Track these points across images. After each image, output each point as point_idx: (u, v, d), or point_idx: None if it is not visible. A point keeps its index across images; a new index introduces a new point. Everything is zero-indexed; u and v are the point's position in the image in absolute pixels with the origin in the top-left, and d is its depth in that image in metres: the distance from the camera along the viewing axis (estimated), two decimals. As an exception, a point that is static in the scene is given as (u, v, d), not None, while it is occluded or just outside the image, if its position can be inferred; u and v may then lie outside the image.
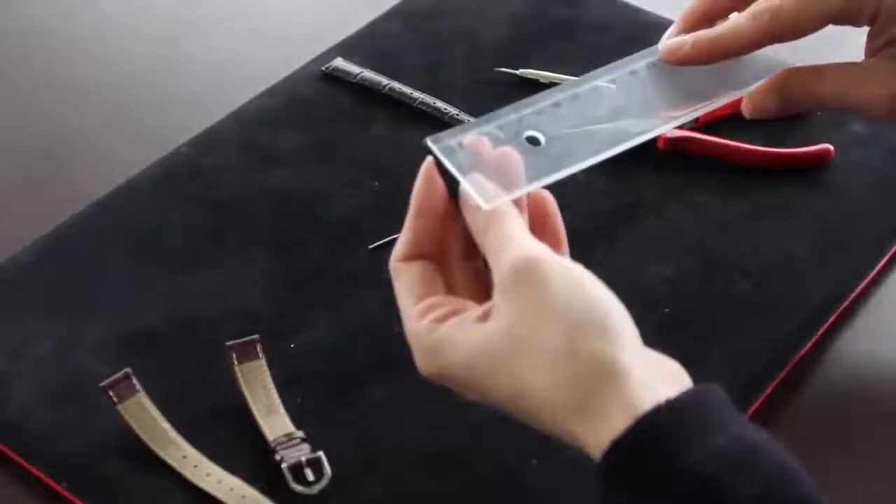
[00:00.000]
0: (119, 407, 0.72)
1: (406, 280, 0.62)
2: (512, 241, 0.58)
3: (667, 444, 0.54)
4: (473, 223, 0.60)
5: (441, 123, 0.93)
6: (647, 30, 1.01)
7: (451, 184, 0.61)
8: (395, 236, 0.83)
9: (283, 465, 0.70)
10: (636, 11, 1.03)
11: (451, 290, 0.62)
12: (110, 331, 0.78)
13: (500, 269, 0.58)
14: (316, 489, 0.70)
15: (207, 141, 0.92)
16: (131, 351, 0.77)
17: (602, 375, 0.55)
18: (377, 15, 1.03)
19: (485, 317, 0.58)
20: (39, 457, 0.72)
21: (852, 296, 0.81)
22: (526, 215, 0.62)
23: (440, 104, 0.93)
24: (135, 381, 0.73)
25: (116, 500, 0.70)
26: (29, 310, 0.80)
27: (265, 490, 0.69)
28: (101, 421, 0.72)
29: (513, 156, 0.61)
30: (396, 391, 0.75)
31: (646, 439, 0.54)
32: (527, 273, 0.57)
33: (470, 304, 0.60)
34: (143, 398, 0.72)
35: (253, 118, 0.94)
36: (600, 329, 0.56)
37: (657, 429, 0.54)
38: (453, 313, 0.59)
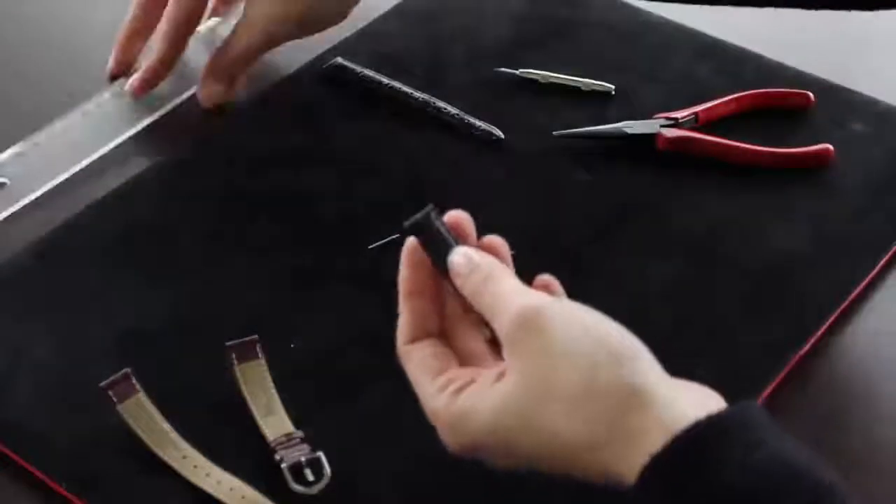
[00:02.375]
0: (119, 407, 0.72)
1: (417, 360, 0.62)
2: (507, 297, 0.59)
3: (707, 460, 0.53)
4: (467, 291, 0.61)
5: (441, 123, 0.93)
6: (647, 30, 1.01)
7: (438, 258, 0.63)
8: (394, 236, 0.84)
9: (283, 465, 0.70)
10: (636, 11, 1.03)
11: (463, 360, 0.62)
12: (110, 331, 0.78)
13: (502, 327, 0.59)
14: (316, 489, 0.70)
15: (207, 141, 0.92)
16: (131, 351, 0.77)
17: (628, 403, 0.55)
18: (377, 15, 1.03)
19: (499, 378, 0.58)
20: (39, 457, 0.72)
21: (852, 296, 0.81)
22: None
23: (440, 104, 0.93)
24: (135, 381, 0.73)
25: (116, 500, 0.70)
26: (29, 310, 0.80)
27: (265, 490, 0.69)
28: (101, 421, 0.72)
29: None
30: (396, 391, 0.75)
31: (686, 455, 0.53)
32: (528, 324, 0.57)
33: (485, 371, 0.60)
34: (143, 398, 0.72)
35: (253, 118, 0.94)
36: (615, 359, 0.56)
37: (697, 444, 0.54)
38: (471, 383, 0.60)
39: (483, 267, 0.61)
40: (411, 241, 0.63)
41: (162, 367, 0.76)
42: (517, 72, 0.96)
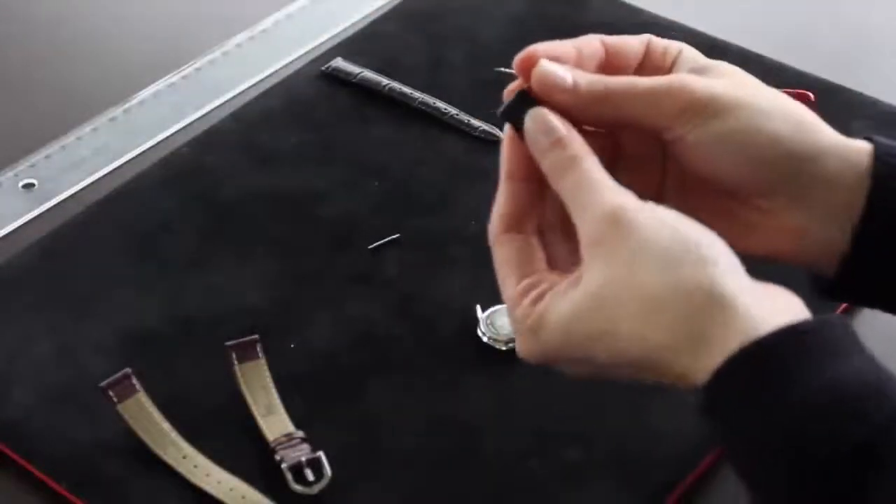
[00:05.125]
0: (119, 407, 0.72)
1: (505, 256, 0.59)
2: (591, 190, 0.56)
3: (780, 369, 0.52)
4: (546, 167, 0.58)
5: (441, 123, 0.93)
6: (647, 30, 1.01)
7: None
8: (394, 236, 0.84)
9: (283, 465, 0.70)
10: (636, 11, 1.03)
11: (551, 263, 0.60)
12: (110, 331, 0.78)
13: (584, 224, 0.56)
14: (316, 489, 0.70)
15: (207, 141, 0.92)
16: (131, 351, 0.77)
17: (709, 308, 0.53)
18: (377, 15, 1.03)
19: (576, 282, 0.56)
20: (39, 457, 0.72)
21: (852, 296, 0.81)
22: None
23: (440, 104, 0.93)
24: (135, 381, 0.73)
25: (116, 500, 0.70)
26: (29, 310, 0.80)
27: (265, 490, 0.69)
28: (101, 421, 0.72)
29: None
30: (396, 391, 0.76)
31: (759, 362, 0.52)
32: (611, 224, 0.55)
33: (567, 277, 0.58)
34: (143, 398, 0.72)
35: (253, 118, 0.94)
36: (696, 260, 0.54)
37: (771, 352, 0.52)
38: (550, 290, 0.57)
39: (567, 145, 0.57)
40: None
41: (162, 367, 0.76)
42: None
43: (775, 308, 0.54)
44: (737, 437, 0.53)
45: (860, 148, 0.59)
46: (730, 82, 0.60)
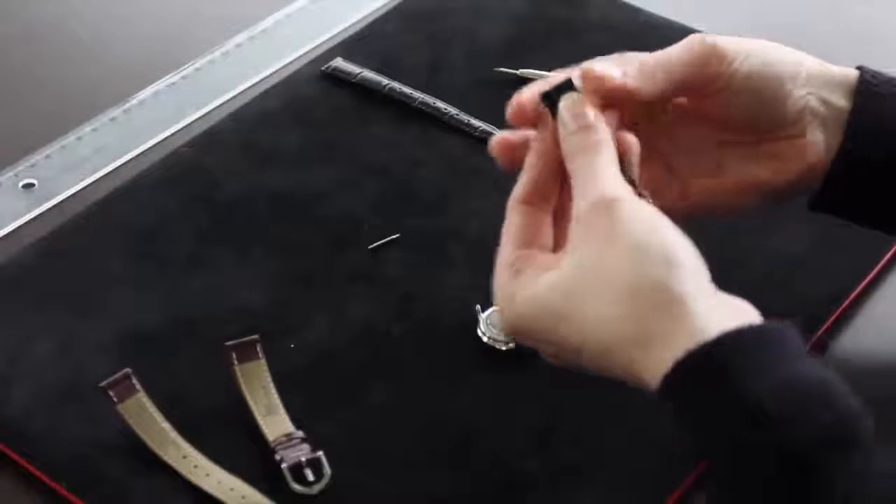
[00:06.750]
0: (119, 407, 0.72)
1: (514, 223, 0.63)
2: (598, 176, 0.60)
3: (724, 371, 0.54)
4: (565, 147, 0.62)
5: (441, 123, 0.93)
6: (647, 30, 1.01)
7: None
8: (394, 236, 0.84)
9: (283, 465, 0.70)
10: (636, 11, 1.03)
11: (558, 243, 0.63)
12: (110, 331, 0.78)
13: (580, 202, 0.59)
14: (316, 489, 0.70)
15: (207, 141, 0.92)
16: (131, 351, 0.77)
17: (667, 308, 0.56)
18: (377, 15, 1.03)
19: (556, 261, 0.59)
20: (39, 457, 0.72)
21: (852, 296, 0.81)
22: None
23: (440, 104, 0.93)
24: (135, 381, 0.73)
25: (116, 500, 0.70)
26: (29, 310, 0.80)
27: (265, 490, 0.69)
28: (101, 421, 0.72)
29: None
30: (396, 391, 0.75)
31: (704, 364, 0.54)
32: (603, 211, 0.58)
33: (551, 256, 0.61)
34: (143, 398, 0.72)
35: (253, 118, 0.94)
36: (664, 260, 0.57)
37: (717, 355, 0.54)
38: (539, 266, 0.60)
39: (591, 132, 0.62)
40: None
41: (162, 367, 0.76)
42: (517, 72, 0.96)
43: (731, 315, 0.56)
44: (690, 436, 0.56)
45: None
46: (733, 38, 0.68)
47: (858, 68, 0.71)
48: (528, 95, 0.65)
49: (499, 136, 0.67)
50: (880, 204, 0.71)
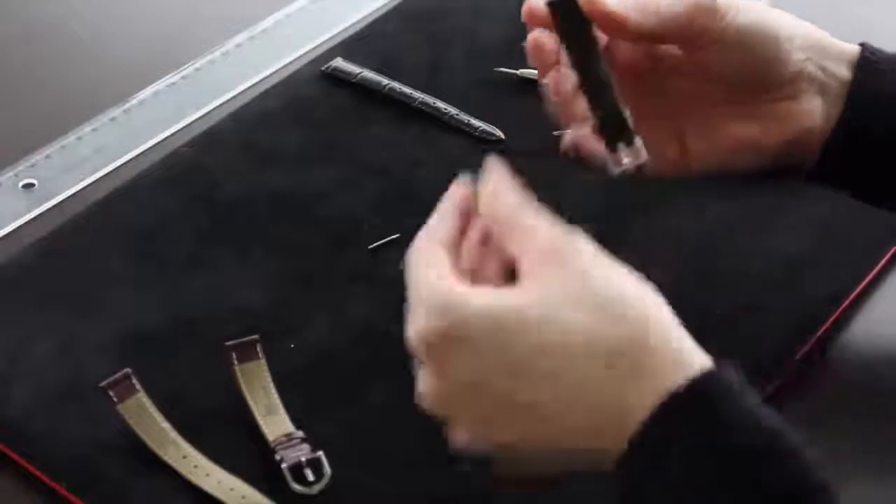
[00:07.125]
0: (119, 407, 0.72)
1: (424, 251, 0.63)
2: (537, 227, 0.60)
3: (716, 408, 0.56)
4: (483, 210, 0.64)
5: (441, 123, 0.93)
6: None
7: (571, 39, 0.70)
8: (394, 236, 0.84)
9: (283, 465, 0.70)
10: (636, 11, 1.03)
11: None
12: (110, 331, 0.78)
13: (535, 240, 0.60)
14: (316, 489, 0.70)
15: (207, 141, 0.92)
16: (131, 351, 0.77)
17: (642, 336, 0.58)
18: (377, 15, 1.03)
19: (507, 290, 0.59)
20: (39, 457, 0.72)
21: (852, 296, 0.81)
22: None
23: (440, 104, 0.93)
24: (135, 381, 0.73)
25: (116, 500, 0.70)
26: (29, 310, 0.80)
27: (265, 490, 0.69)
28: (101, 421, 0.72)
29: None
30: (396, 391, 0.75)
31: (700, 398, 0.56)
32: (568, 244, 0.59)
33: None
34: (143, 398, 0.72)
35: (253, 118, 0.94)
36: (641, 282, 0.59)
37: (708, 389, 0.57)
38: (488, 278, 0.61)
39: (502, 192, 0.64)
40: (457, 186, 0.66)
41: (162, 367, 0.76)
42: (517, 72, 0.96)
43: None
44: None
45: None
46: None
47: (860, 44, 0.73)
48: (535, 1, 0.70)
49: (531, 36, 0.71)
50: (879, 178, 0.73)
